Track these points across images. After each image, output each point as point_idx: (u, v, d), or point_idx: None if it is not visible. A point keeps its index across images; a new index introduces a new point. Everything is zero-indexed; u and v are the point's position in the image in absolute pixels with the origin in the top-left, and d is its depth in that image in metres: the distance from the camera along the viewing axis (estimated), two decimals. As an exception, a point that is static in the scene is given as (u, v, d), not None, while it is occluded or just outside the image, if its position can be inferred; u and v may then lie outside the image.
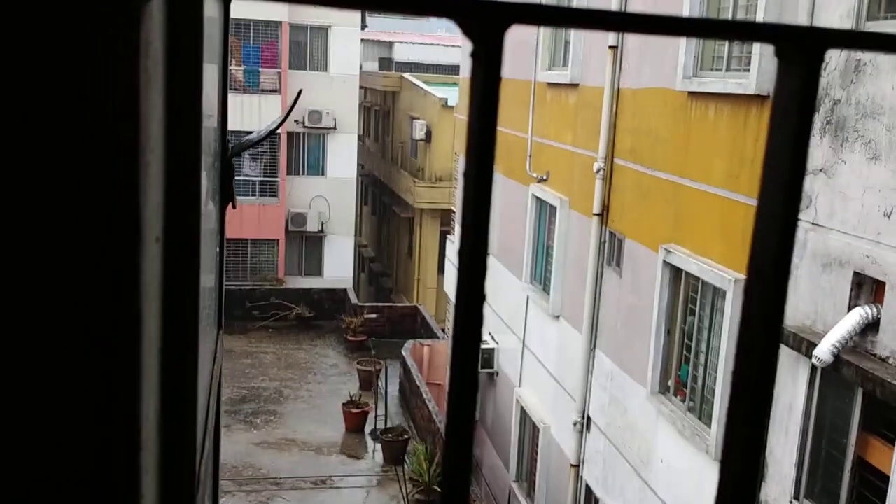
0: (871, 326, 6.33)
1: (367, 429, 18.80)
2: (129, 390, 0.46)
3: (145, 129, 0.48)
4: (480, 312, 0.47)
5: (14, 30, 0.43)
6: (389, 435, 17.68)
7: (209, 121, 1.48)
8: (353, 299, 26.30)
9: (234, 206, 1.68)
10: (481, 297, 0.48)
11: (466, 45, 0.48)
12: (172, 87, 0.63)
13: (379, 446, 17.91)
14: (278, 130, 26.15)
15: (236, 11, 26.17)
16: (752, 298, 0.52)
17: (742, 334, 0.53)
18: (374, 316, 24.39)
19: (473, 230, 0.46)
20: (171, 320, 0.66)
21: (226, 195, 1.57)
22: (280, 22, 26.24)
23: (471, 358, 0.48)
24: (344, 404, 18.98)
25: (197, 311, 0.77)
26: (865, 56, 6.57)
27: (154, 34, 0.51)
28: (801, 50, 0.49)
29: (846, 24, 6.77)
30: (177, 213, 0.65)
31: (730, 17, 8.49)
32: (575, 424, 11.65)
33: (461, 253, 0.48)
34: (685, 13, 8.95)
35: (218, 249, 1.57)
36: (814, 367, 6.84)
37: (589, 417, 11.49)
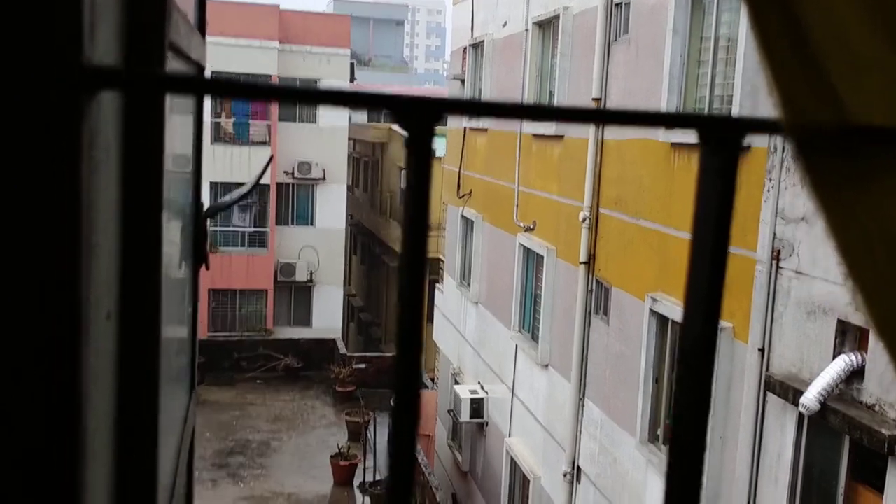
0: (857, 374, 6.35)
1: (356, 481, 18.56)
2: (68, 467, 0.47)
3: (91, 212, 0.50)
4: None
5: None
6: (378, 487, 17.45)
7: (183, 182, 1.50)
8: (342, 349, 26.17)
9: (206, 268, 1.69)
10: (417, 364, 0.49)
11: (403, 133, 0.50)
12: (130, 171, 0.66)
13: (368, 499, 17.66)
14: (267, 181, 26.23)
15: (227, 65, 26.39)
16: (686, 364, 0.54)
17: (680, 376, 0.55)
18: (362, 366, 24.25)
19: (408, 315, 0.48)
20: (128, 393, 0.68)
21: (199, 257, 1.58)
22: (270, 76, 26.53)
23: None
24: (332, 457, 18.77)
25: (156, 381, 0.77)
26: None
27: (104, 121, 0.53)
28: (722, 137, 0.52)
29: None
30: (134, 290, 0.67)
31: (707, 95, 8.69)
32: (565, 475, 11.54)
33: (398, 338, 0.49)
34: (664, 93, 9.12)
35: (191, 310, 1.58)
36: (801, 416, 6.83)
37: (579, 467, 11.39)
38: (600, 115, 0.51)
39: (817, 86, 0.51)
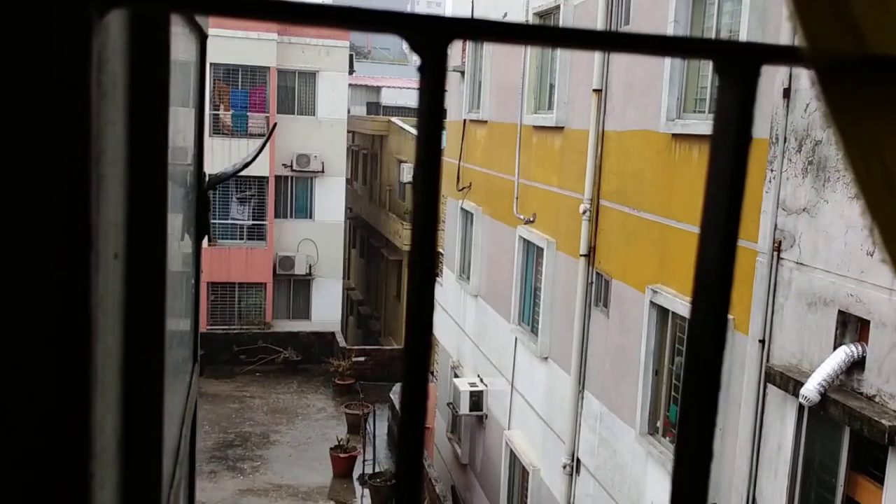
0: (857, 365, 6.35)
1: (356, 474, 18.58)
2: (77, 395, 0.46)
3: (98, 142, 0.49)
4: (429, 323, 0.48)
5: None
6: (378, 480, 17.47)
7: (185, 155, 1.49)
8: (342, 342, 26.18)
9: (209, 241, 1.69)
10: (430, 311, 0.48)
11: (416, 60, 0.49)
12: (136, 110, 0.65)
13: (367, 491, 17.68)
14: (266, 174, 26.20)
15: (225, 57, 26.35)
16: (698, 312, 0.53)
17: (689, 348, 0.54)
18: (362, 359, 24.27)
19: (421, 239, 0.47)
20: (135, 331, 0.67)
21: (202, 228, 1.57)
22: (268, 67, 26.49)
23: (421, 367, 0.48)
24: (332, 449, 18.79)
25: (163, 321, 0.77)
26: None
27: (111, 51, 0.52)
28: (739, 65, 0.51)
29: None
30: (141, 232, 0.66)
31: (708, 86, 8.66)
32: (564, 467, 11.55)
33: (410, 261, 0.48)
34: (665, 84, 9.10)
35: (194, 281, 1.57)
36: (801, 407, 6.83)
37: (578, 460, 11.40)
38: (610, 39, 0.50)
39: (839, 15, 0.50)
